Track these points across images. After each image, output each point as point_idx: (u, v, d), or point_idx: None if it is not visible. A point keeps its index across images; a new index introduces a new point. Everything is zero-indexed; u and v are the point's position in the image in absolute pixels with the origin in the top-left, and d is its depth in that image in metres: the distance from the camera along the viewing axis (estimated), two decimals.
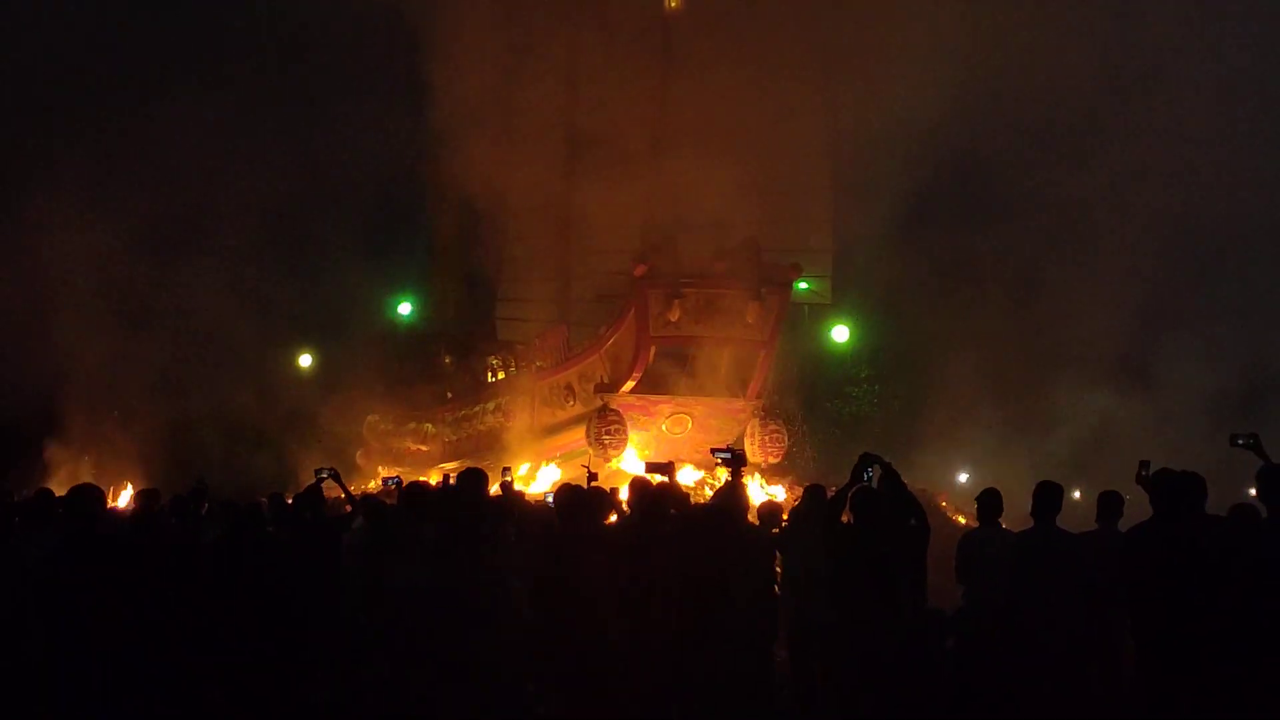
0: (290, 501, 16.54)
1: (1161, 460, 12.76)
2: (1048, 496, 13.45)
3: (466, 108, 39.19)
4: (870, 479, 12.54)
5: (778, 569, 15.71)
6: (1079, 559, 13.23)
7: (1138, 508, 12.37)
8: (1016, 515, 14.76)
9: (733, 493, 14.27)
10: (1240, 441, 12.85)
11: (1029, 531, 13.78)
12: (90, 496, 12.63)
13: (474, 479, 14.02)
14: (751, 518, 16.39)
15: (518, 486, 22.61)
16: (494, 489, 16.19)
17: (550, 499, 15.60)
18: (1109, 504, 14.84)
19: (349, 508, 16.04)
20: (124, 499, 33.10)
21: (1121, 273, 42.30)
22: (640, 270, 31.35)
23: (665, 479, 14.46)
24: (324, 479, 15.51)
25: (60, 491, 15.56)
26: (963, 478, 41.51)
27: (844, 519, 12.87)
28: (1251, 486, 11.92)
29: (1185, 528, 11.29)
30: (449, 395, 40.07)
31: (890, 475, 12.58)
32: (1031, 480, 14.28)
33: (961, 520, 29.74)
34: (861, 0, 35.52)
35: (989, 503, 15.23)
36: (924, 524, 12.61)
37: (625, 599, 12.60)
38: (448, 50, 38.45)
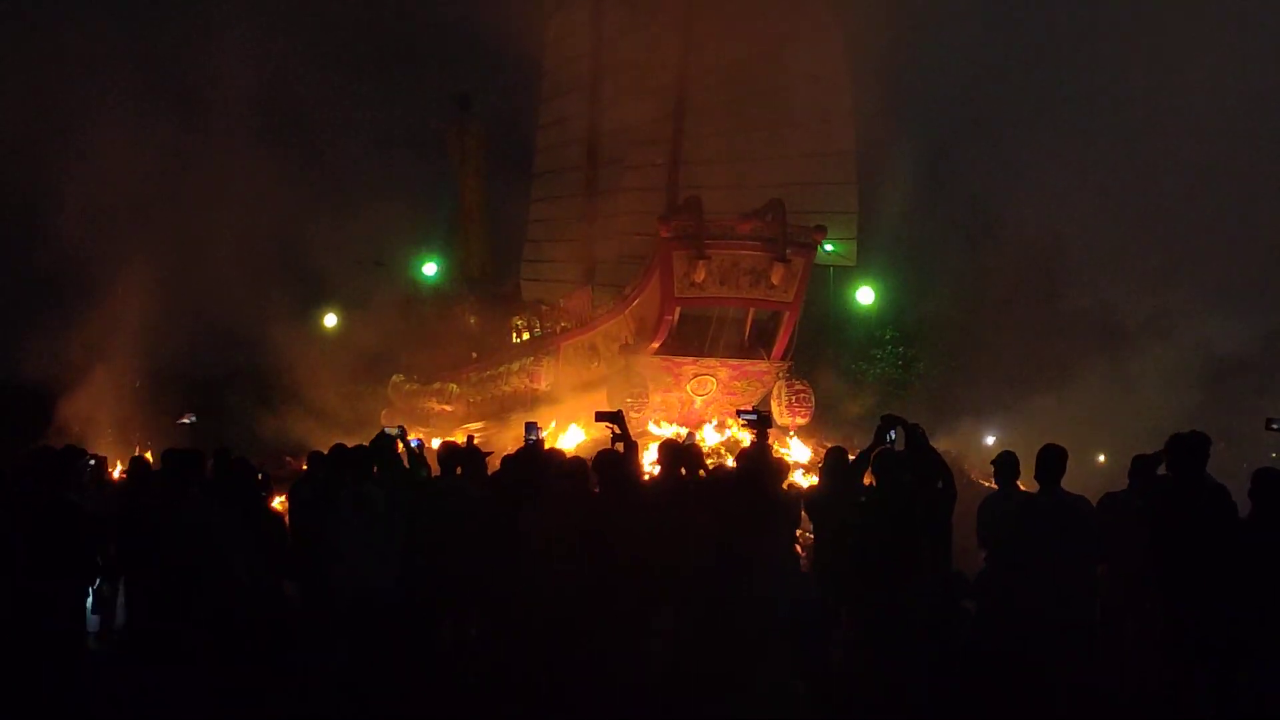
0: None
1: (1183, 425, 12.92)
2: (1050, 460, 13.44)
3: (496, 67, 39.29)
4: (893, 441, 12.61)
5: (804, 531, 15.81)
6: (1083, 522, 13.25)
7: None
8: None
9: (760, 454, 14.38)
10: (1276, 426, 13.10)
11: (1033, 496, 13.79)
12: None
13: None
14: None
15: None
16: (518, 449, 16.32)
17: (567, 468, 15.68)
18: (1142, 467, 14.74)
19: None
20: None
21: (1149, 234, 42.25)
22: (666, 231, 31.37)
23: (616, 427, 14.51)
24: (394, 435, 15.51)
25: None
26: (989, 440, 41.47)
27: (866, 480, 12.96)
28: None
29: (1190, 489, 11.76)
30: (474, 356, 40.18)
31: (915, 437, 12.64)
32: (1059, 443, 14.24)
33: (986, 483, 29.79)
34: None
35: (1007, 465, 15.27)
36: (950, 486, 12.67)
37: (659, 556, 12.71)
38: (469, 12, 38.50)
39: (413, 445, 16.03)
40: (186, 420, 14.63)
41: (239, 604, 13.26)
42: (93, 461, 18.00)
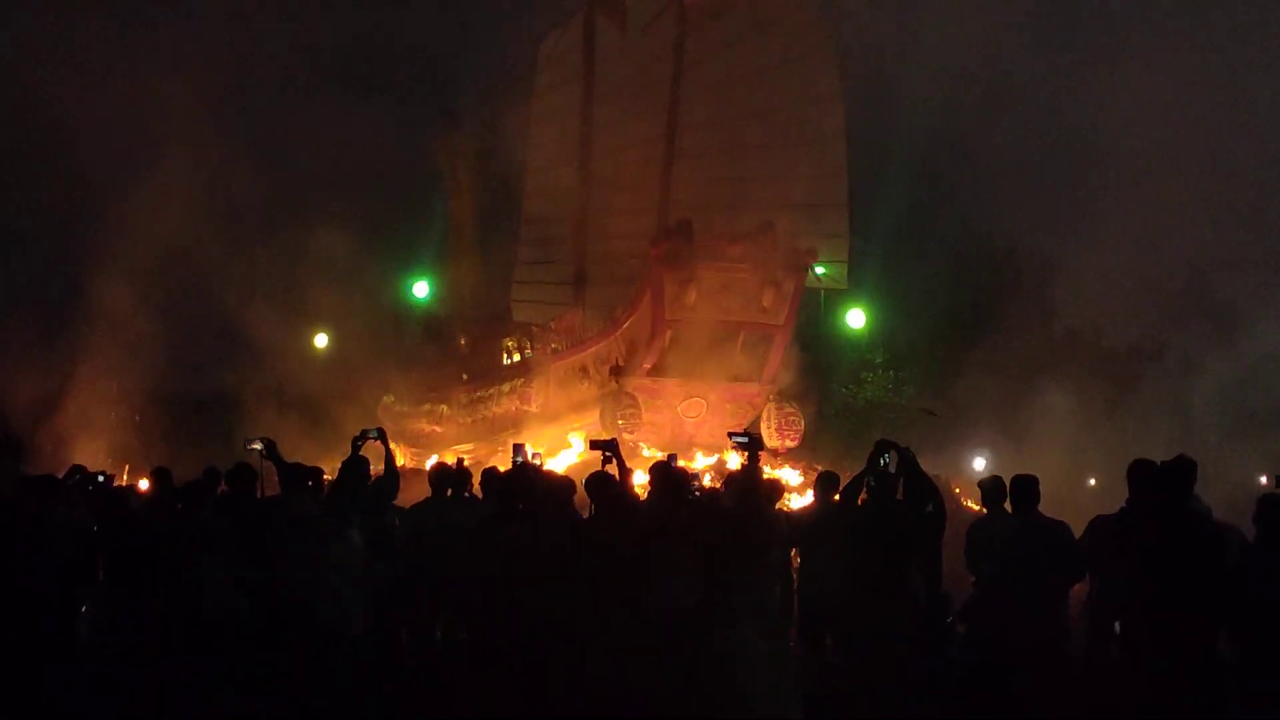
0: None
1: (1173, 449, 12.99)
2: (1022, 489, 13.56)
3: (485, 91, 39.39)
4: (887, 464, 12.62)
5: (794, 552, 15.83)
6: (1059, 547, 13.36)
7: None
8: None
9: (752, 477, 14.39)
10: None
11: (1011, 520, 13.90)
12: None
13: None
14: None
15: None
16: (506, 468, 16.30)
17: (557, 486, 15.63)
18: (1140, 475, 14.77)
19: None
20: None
21: (1137, 261, 42.31)
22: (657, 253, 31.40)
23: (612, 455, 14.49)
24: (372, 438, 15.38)
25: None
26: (979, 463, 41.50)
27: (860, 502, 12.98)
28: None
29: (1170, 513, 11.87)
30: (464, 377, 40.16)
31: (908, 461, 12.66)
32: (1047, 467, 14.34)
33: (975, 507, 29.78)
34: None
35: (994, 489, 15.28)
36: (940, 510, 12.70)
37: (651, 577, 12.71)
38: (463, 34, 38.63)
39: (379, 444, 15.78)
40: (257, 445, 14.46)
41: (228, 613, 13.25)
42: (100, 478, 18.01)
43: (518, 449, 16.31)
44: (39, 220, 40.38)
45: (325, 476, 15.64)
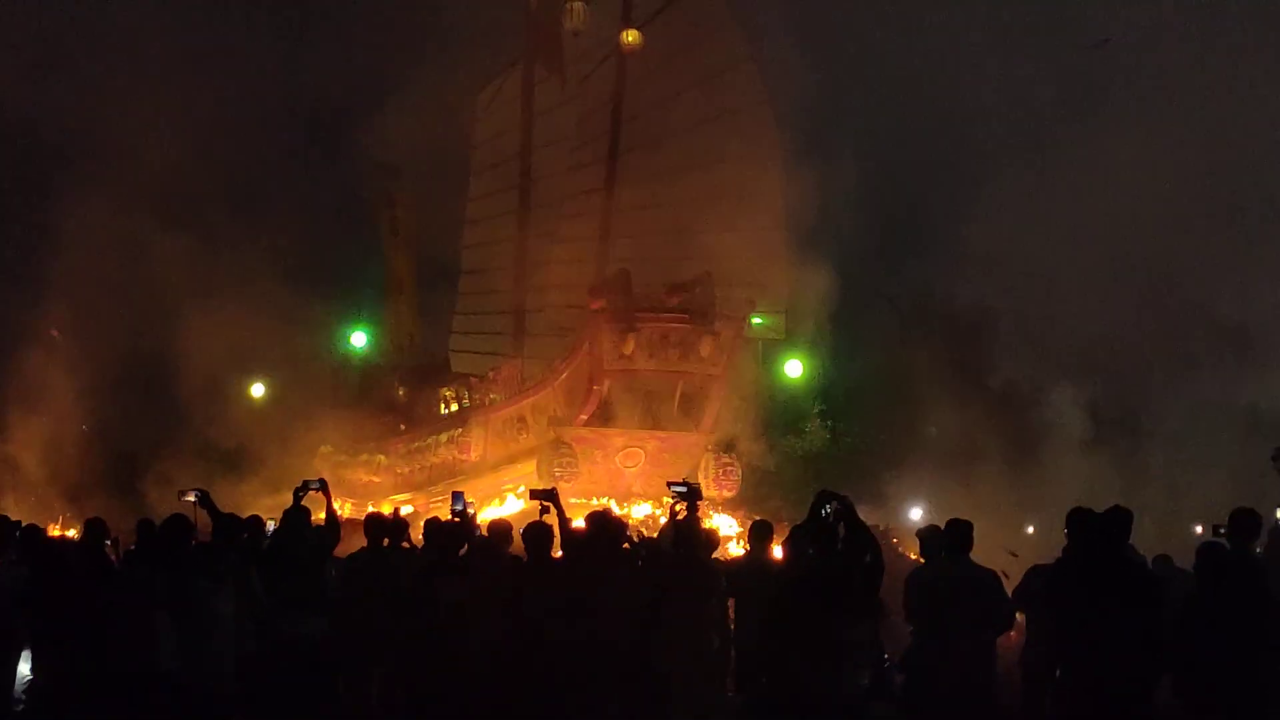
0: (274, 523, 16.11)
1: (1109, 499, 13.09)
2: (956, 533, 13.66)
3: (422, 141, 39.40)
4: (828, 514, 12.65)
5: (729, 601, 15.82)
6: (989, 593, 13.47)
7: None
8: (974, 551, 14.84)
9: (690, 526, 14.42)
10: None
11: (942, 567, 13.98)
12: None
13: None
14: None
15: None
16: (448, 517, 16.25)
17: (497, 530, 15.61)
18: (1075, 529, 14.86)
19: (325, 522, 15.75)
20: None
21: (1075, 308, 42.63)
22: (595, 304, 31.46)
23: (550, 504, 14.50)
24: (314, 489, 15.29)
25: None
26: (915, 514, 41.60)
27: (797, 552, 13.01)
28: None
29: (1105, 563, 11.97)
30: (402, 427, 40.05)
31: (848, 511, 12.70)
32: (982, 516, 14.41)
33: (913, 556, 29.83)
34: (815, 35, 35.88)
35: (931, 538, 15.34)
36: (879, 560, 12.73)
37: (587, 626, 12.71)
38: (400, 84, 38.69)
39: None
40: (191, 497, 14.25)
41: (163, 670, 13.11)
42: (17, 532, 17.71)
43: (457, 498, 16.28)
44: None
45: (267, 525, 15.55)
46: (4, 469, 38.03)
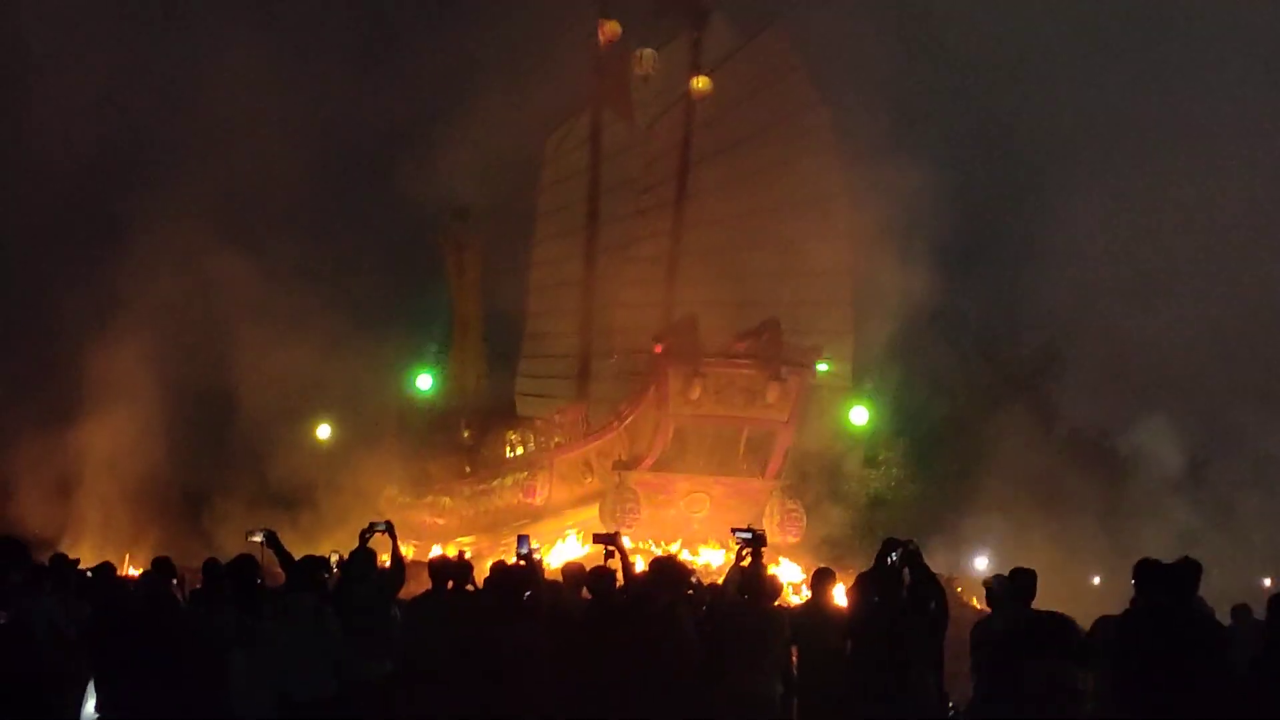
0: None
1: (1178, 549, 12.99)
2: (1022, 583, 13.53)
3: (491, 185, 39.56)
4: (894, 563, 12.62)
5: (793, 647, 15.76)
6: (1057, 643, 13.34)
7: None
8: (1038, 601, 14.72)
9: (755, 573, 14.38)
10: None
11: (1007, 618, 13.85)
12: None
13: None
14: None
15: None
16: (514, 560, 16.26)
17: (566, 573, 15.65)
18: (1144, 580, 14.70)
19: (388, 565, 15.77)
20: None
21: (1143, 356, 42.43)
22: (662, 349, 31.49)
23: (614, 549, 14.51)
24: (381, 531, 15.32)
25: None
26: (980, 563, 41.41)
27: (862, 599, 12.97)
28: None
29: (1174, 615, 11.84)
30: (467, 469, 40.10)
31: (914, 556, 12.67)
32: (1050, 566, 14.31)
33: (977, 605, 29.65)
34: (882, 79, 35.90)
35: (999, 588, 15.23)
36: (943, 608, 12.69)
37: (651, 669, 12.70)
38: (469, 128, 38.86)
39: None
40: (258, 538, 14.26)
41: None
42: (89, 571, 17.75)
43: (523, 541, 16.27)
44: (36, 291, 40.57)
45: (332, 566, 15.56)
46: (72, 507, 38.25)
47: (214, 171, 40.04)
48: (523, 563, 15.43)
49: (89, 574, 17.04)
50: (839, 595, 15.84)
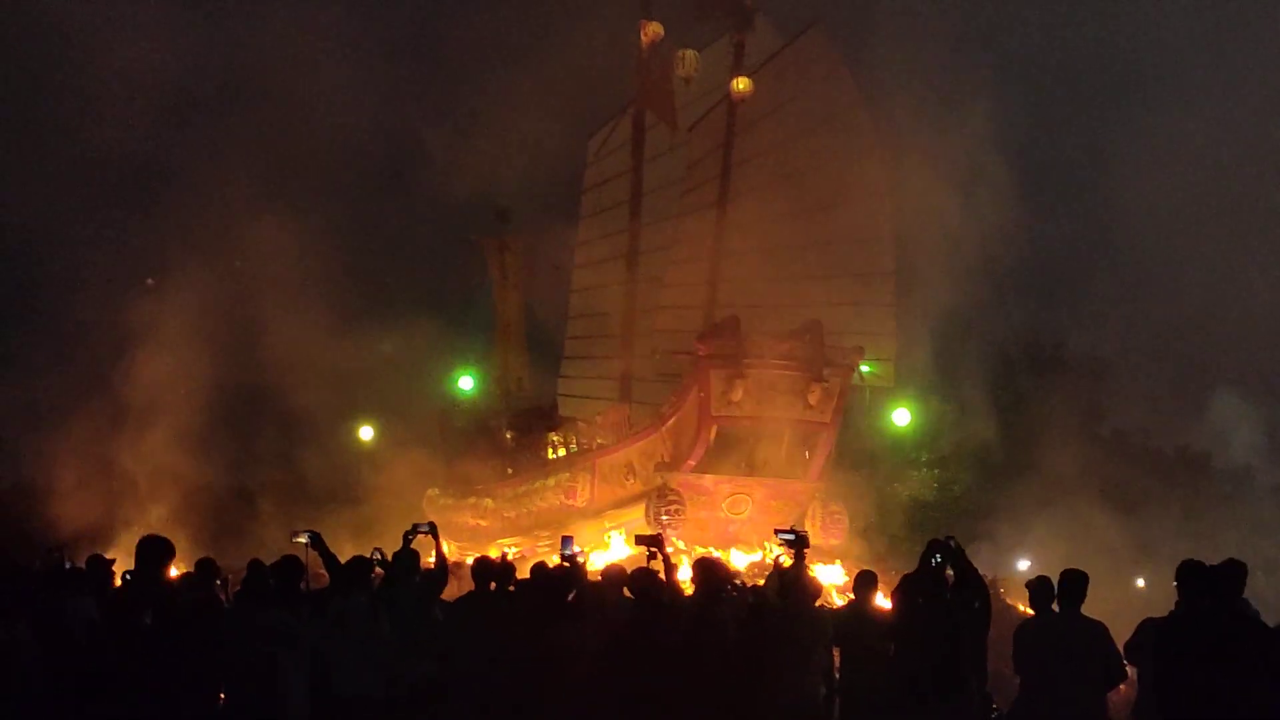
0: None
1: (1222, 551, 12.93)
2: (1070, 583, 13.47)
3: (533, 186, 39.58)
4: (938, 563, 12.60)
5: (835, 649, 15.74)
6: (1100, 646, 13.28)
7: None
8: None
9: (797, 574, 14.38)
10: None
11: (1053, 618, 13.79)
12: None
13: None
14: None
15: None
16: (557, 561, 16.26)
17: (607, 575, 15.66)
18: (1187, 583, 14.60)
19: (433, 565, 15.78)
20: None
21: (1194, 358, 42.29)
22: (703, 350, 31.48)
23: (657, 550, 14.53)
24: (424, 532, 15.36)
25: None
26: (1023, 565, 41.27)
27: (906, 601, 12.95)
28: None
29: (1218, 618, 11.79)
30: (509, 471, 40.09)
31: (958, 554, 12.67)
32: (1093, 568, 14.23)
33: (1020, 607, 29.55)
34: (925, 80, 35.79)
35: (1042, 590, 15.16)
36: (986, 607, 12.69)
37: (694, 670, 12.71)
38: (512, 129, 38.90)
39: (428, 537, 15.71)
40: (302, 539, 14.24)
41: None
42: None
43: (566, 542, 16.27)
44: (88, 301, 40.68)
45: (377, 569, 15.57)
46: (115, 506, 38.37)
47: (255, 168, 40.12)
48: (566, 564, 15.45)
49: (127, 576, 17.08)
50: (881, 598, 15.84)
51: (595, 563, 29.39)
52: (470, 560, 17.55)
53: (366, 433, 47.10)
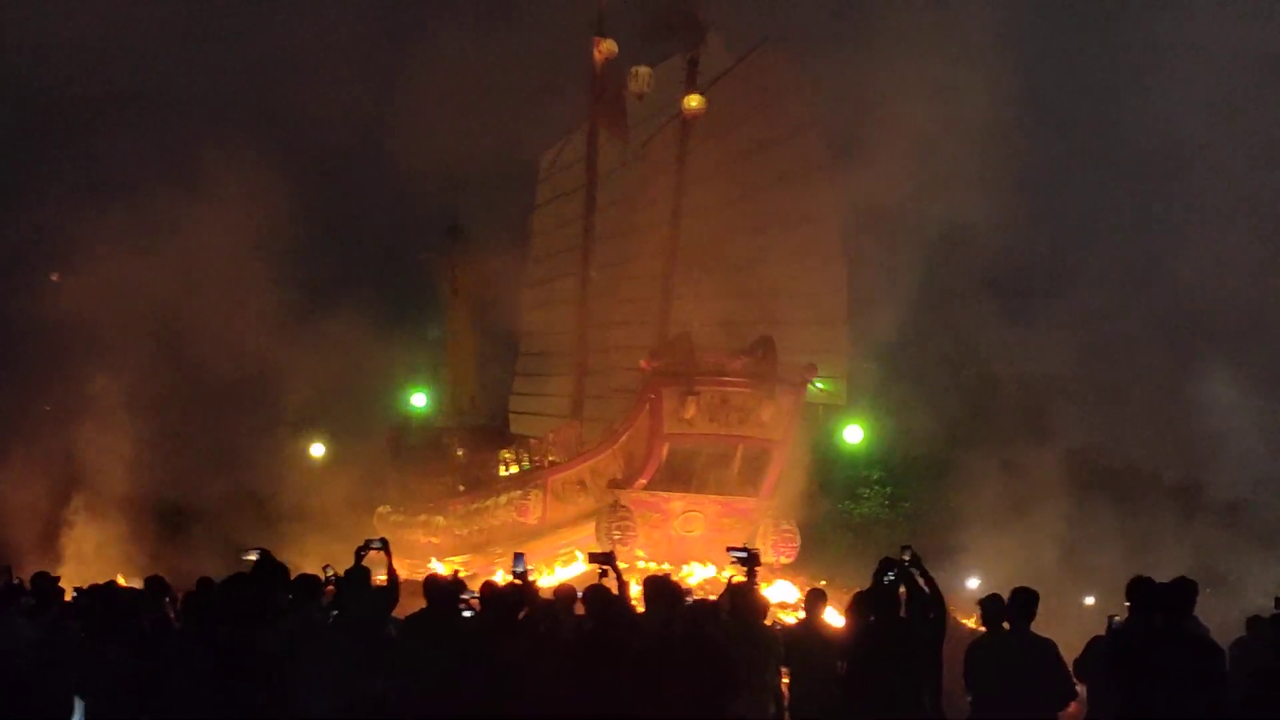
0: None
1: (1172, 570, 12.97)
2: (1022, 601, 13.50)
3: (485, 202, 39.54)
4: (891, 580, 12.61)
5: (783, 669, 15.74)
6: (1051, 664, 13.30)
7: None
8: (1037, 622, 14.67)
9: (748, 592, 14.37)
10: None
11: (1001, 636, 13.80)
12: None
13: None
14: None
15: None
16: (506, 579, 16.23)
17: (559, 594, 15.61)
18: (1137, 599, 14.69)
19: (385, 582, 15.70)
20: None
21: (1143, 376, 42.47)
22: (656, 367, 31.50)
23: (609, 568, 14.51)
24: (376, 549, 15.28)
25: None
26: (973, 583, 41.34)
27: (858, 619, 12.95)
28: None
29: (1167, 635, 11.84)
30: (461, 488, 40.01)
31: (916, 563, 12.69)
32: (1043, 585, 14.25)
33: (969, 624, 29.60)
34: (877, 96, 35.85)
35: (993, 608, 15.19)
36: (942, 618, 12.70)
37: (647, 688, 12.67)
38: (463, 146, 38.83)
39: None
40: (252, 556, 14.16)
41: None
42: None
43: (519, 559, 16.22)
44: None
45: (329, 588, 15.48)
46: (62, 525, 38.15)
47: (210, 190, 39.90)
48: (518, 581, 15.40)
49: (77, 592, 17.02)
50: (831, 616, 15.85)
51: (555, 580, 29.50)
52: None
53: (318, 449, 46.94)
